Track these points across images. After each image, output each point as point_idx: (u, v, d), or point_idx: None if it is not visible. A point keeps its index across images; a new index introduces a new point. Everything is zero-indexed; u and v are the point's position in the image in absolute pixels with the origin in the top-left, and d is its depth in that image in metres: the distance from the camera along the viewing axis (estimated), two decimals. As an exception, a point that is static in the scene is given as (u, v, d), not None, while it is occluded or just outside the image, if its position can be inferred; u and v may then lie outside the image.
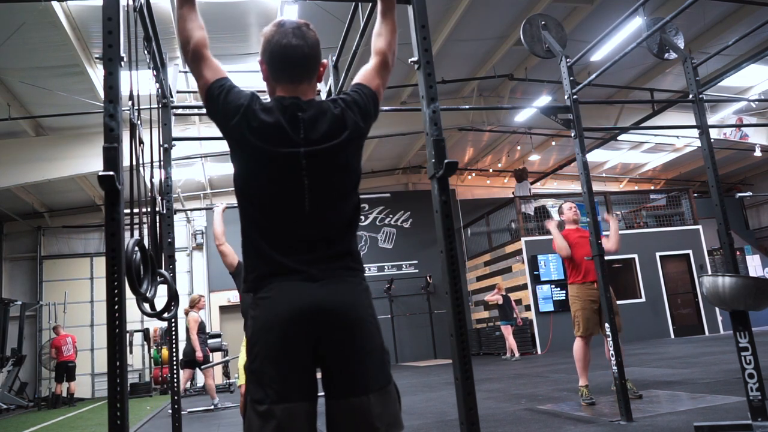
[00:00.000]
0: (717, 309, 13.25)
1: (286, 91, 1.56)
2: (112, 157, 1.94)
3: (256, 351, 1.44)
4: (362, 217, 15.11)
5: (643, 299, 13.44)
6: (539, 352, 12.63)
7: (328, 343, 1.44)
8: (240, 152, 1.54)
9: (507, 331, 11.98)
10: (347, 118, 1.57)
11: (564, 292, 13.16)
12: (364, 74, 1.72)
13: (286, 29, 1.57)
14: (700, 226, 14.01)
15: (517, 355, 11.88)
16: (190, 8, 1.65)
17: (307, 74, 1.58)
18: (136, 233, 2.45)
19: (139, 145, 2.63)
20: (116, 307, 1.89)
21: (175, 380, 4.00)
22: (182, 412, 4.11)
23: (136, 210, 2.50)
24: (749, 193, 11.07)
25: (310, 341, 1.43)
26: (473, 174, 17.32)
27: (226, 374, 12.71)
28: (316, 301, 1.43)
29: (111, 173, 1.91)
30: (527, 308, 13.06)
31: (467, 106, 10.02)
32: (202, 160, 12.90)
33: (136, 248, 2.21)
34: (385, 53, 1.75)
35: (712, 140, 4.25)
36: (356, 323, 1.46)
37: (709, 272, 13.74)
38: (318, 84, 1.66)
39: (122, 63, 2.06)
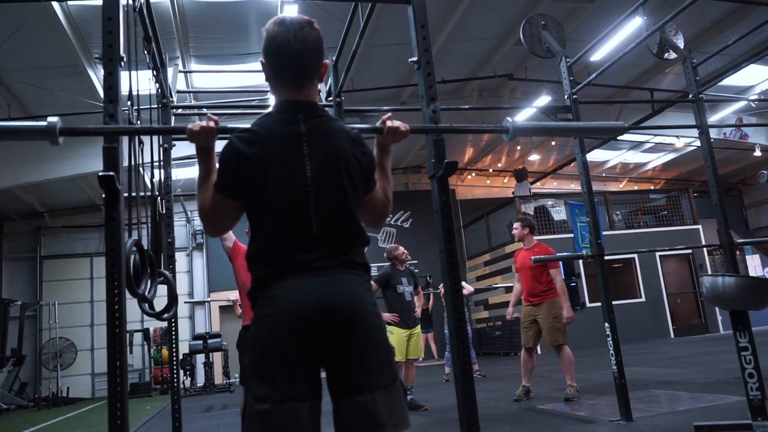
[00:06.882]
0: (717, 309, 13.24)
1: (288, 95, 1.59)
2: (111, 157, 1.95)
3: (260, 349, 1.44)
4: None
5: (643, 299, 13.42)
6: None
7: (332, 341, 1.43)
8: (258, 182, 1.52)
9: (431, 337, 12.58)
10: (347, 146, 1.59)
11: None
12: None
13: (287, 31, 1.55)
14: (700, 226, 13.99)
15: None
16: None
17: (309, 79, 1.60)
18: (135, 233, 2.44)
19: (138, 145, 2.62)
20: (116, 307, 1.89)
21: (175, 380, 4.00)
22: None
23: (135, 210, 2.50)
24: None
25: (314, 339, 1.42)
26: (473, 174, 17.30)
27: (226, 374, 12.70)
28: (320, 298, 1.43)
29: (111, 173, 1.92)
30: (527, 308, 13.03)
31: (467, 106, 10.00)
32: (202, 159, 12.87)
33: (134, 248, 2.21)
34: (381, 200, 1.74)
35: (711, 140, 4.25)
36: (359, 320, 1.46)
37: (709, 272, 13.74)
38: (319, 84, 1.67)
39: (122, 63, 2.06)
